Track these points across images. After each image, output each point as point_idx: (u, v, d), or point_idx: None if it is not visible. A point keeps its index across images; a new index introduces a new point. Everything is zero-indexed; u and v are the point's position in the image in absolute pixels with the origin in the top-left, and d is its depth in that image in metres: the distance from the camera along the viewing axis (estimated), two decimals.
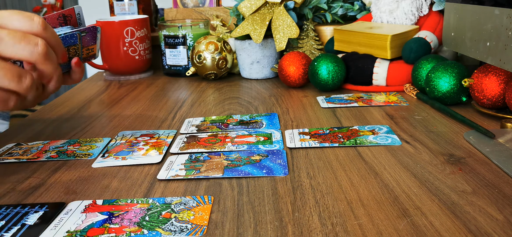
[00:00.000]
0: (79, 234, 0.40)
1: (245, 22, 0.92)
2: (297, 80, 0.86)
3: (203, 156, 0.56)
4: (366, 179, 0.48)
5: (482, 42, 0.62)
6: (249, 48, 0.94)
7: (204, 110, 0.77)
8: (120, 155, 0.57)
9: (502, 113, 0.64)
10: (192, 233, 0.39)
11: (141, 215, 0.43)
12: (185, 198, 0.45)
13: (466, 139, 0.58)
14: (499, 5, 0.57)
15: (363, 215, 0.41)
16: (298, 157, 0.55)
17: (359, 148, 0.57)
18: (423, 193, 0.44)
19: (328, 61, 0.81)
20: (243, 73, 0.99)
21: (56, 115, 0.78)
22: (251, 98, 0.83)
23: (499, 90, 0.64)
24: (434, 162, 0.52)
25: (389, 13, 0.87)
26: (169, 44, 1.01)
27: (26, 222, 0.42)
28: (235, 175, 0.50)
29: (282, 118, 0.70)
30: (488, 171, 0.49)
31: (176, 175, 0.51)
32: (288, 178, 0.49)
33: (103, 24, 1.01)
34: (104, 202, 0.45)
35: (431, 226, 0.39)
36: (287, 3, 0.91)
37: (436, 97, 0.71)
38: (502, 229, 0.38)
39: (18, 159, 0.58)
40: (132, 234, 0.40)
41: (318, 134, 0.62)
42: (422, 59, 0.77)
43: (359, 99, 0.77)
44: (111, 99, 0.87)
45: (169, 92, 0.90)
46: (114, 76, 1.05)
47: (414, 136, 0.60)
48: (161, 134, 0.65)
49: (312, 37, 0.95)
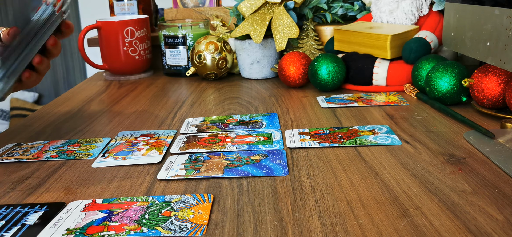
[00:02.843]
0: (78, 232, 0.40)
1: (245, 22, 0.92)
2: (297, 80, 0.86)
3: (203, 156, 0.56)
4: (366, 179, 0.48)
5: (482, 42, 0.62)
6: (249, 48, 0.94)
7: (204, 110, 0.77)
8: (120, 155, 0.57)
9: (502, 113, 0.64)
10: (192, 232, 0.39)
11: (141, 213, 0.43)
12: (185, 196, 0.45)
13: (466, 139, 0.58)
14: (499, 5, 0.57)
15: (363, 215, 0.41)
16: (298, 157, 0.55)
17: (359, 148, 0.57)
18: (423, 193, 0.44)
19: (328, 61, 0.81)
20: (243, 73, 0.99)
21: (56, 115, 0.78)
22: (251, 98, 0.83)
23: (499, 90, 0.64)
24: (434, 162, 0.52)
25: (389, 13, 0.87)
26: (169, 44, 1.01)
27: (26, 222, 0.42)
28: (235, 175, 0.50)
29: (282, 118, 0.70)
30: (488, 171, 0.49)
31: (176, 175, 0.51)
32: (288, 178, 0.49)
33: (103, 24, 1.01)
34: (104, 200, 0.46)
35: (431, 226, 0.39)
36: (287, 3, 0.91)
37: (436, 97, 0.71)
38: (502, 229, 0.38)
39: (18, 159, 0.58)
40: (131, 232, 0.40)
41: (318, 134, 0.62)
42: (422, 59, 0.77)
43: (359, 99, 0.77)
44: (111, 99, 0.87)
45: (169, 92, 0.90)
46: (114, 76, 1.05)
47: (414, 136, 0.60)
48: (161, 134, 0.65)
49: (312, 37, 0.95)
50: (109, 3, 1.15)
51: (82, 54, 0.99)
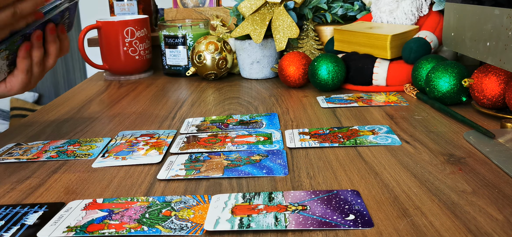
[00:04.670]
0: (79, 229, 0.40)
1: (245, 22, 0.92)
2: (297, 80, 0.86)
3: (203, 156, 0.56)
4: (366, 179, 0.48)
5: (482, 42, 0.62)
6: (249, 48, 0.94)
7: (204, 110, 0.77)
8: (120, 155, 0.57)
9: (502, 113, 0.64)
10: (192, 232, 0.39)
11: (141, 212, 0.43)
12: (185, 197, 0.45)
13: (466, 139, 0.58)
14: (499, 5, 0.57)
15: None
16: (298, 157, 0.55)
17: (359, 148, 0.57)
18: (423, 193, 0.44)
19: (328, 61, 0.81)
20: (243, 73, 0.99)
21: (56, 115, 0.78)
22: (251, 98, 0.83)
23: (499, 90, 0.64)
24: (434, 162, 0.52)
25: (389, 13, 0.87)
26: (169, 44, 1.02)
27: (26, 222, 0.42)
28: (235, 175, 0.50)
29: (282, 118, 0.70)
30: (488, 171, 0.49)
31: (176, 175, 0.51)
32: (288, 178, 0.49)
33: (103, 24, 1.01)
34: (104, 200, 0.46)
35: (431, 226, 0.39)
36: (287, 3, 0.91)
37: (436, 97, 0.71)
38: (502, 229, 0.38)
39: (18, 159, 0.58)
40: (132, 230, 0.40)
41: (318, 134, 0.62)
42: (422, 59, 0.77)
43: (359, 99, 0.77)
44: (111, 99, 0.87)
45: (169, 92, 0.90)
46: (114, 76, 1.05)
47: (414, 136, 0.60)
48: (161, 134, 0.65)
49: (312, 37, 0.95)
50: (109, 3, 1.15)
51: (82, 54, 0.99)
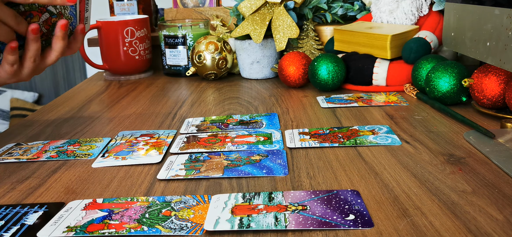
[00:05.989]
0: (79, 229, 0.40)
1: (245, 22, 0.92)
2: (297, 80, 0.86)
3: (203, 156, 0.56)
4: (366, 179, 0.48)
5: (482, 42, 0.62)
6: (249, 48, 0.94)
7: (204, 110, 0.77)
8: (120, 155, 0.57)
9: (502, 113, 0.64)
10: (192, 232, 0.39)
11: (141, 212, 0.43)
12: (185, 197, 0.45)
13: (466, 139, 0.58)
14: (499, 5, 0.57)
15: None
16: (298, 157, 0.55)
17: (359, 148, 0.57)
18: (423, 193, 0.44)
19: (328, 61, 0.81)
20: (243, 73, 0.99)
21: (56, 115, 0.78)
22: (251, 98, 0.83)
23: (499, 90, 0.64)
24: (434, 162, 0.52)
25: (389, 13, 0.87)
26: (169, 44, 1.01)
27: (26, 222, 0.42)
28: (235, 175, 0.50)
29: (282, 118, 0.70)
30: (488, 171, 0.49)
31: (176, 175, 0.51)
32: (288, 178, 0.49)
33: (103, 24, 1.01)
34: (104, 200, 0.46)
35: (431, 226, 0.39)
36: (287, 3, 0.91)
37: (436, 97, 0.71)
38: (502, 229, 0.38)
39: (18, 159, 0.58)
40: (132, 230, 0.40)
41: (318, 134, 0.62)
42: (422, 59, 0.77)
43: (359, 99, 0.77)
44: (111, 99, 0.87)
45: (169, 92, 0.90)
46: (114, 76, 1.05)
47: (414, 136, 0.60)
48: (161, 134, 0.65)
49: (312, 37, 0.95)
50: (109, 3, 1.15)
51: (82, 54, 0.99)
